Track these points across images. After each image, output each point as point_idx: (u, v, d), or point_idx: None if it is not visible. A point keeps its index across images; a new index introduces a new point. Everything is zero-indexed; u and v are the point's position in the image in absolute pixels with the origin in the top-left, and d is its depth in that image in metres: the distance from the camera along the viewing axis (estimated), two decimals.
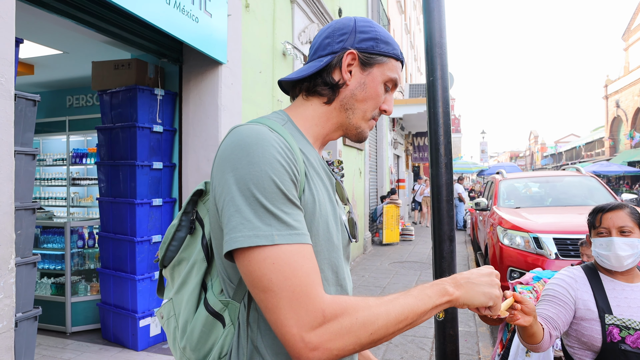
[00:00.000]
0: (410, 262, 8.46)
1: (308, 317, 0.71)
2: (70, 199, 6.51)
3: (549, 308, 1.73)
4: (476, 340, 4.40)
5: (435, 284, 0.87)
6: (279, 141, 0.80)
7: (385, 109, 1.03)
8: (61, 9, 2.80)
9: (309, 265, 0.74)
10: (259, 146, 0.77)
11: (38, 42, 4.48)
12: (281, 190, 0.76)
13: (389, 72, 1.00)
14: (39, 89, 6.38)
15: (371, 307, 0.75)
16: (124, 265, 3.88)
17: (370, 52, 0.98)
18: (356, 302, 0.76)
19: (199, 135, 3.97)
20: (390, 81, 1.01)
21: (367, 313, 0.74)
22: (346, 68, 0.97)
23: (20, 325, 2.64)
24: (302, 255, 0.74)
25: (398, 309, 0.78)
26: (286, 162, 0.78)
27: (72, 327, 4.21)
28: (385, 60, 0.99)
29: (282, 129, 0.87)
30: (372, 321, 0.74)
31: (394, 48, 1.01)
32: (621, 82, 27.42)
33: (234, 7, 4.06)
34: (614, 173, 22.36)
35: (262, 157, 0.76)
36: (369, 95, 0.99)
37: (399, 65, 1.03)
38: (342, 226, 0.96)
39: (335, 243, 0.89)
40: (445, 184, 1.60)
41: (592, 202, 6.04)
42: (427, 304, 0.82)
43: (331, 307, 0.72)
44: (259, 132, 0.80)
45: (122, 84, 3.86)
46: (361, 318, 0.74)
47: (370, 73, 0.98)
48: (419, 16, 24.94)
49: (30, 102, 2.76)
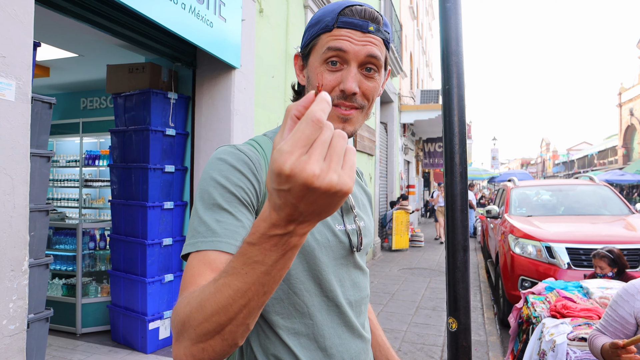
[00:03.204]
0: (420, 269, 8.41)
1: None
2: (83, 200, 6.57)
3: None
4: (486, 349, 4.35)
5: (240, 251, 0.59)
6: (231, 156, 0.84)
7: (342, 88, 0.86)
8: (78, 12, 2.83)
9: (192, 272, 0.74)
10: (213, 165, 0.83)
11: (54, 45, 4.53)
12: (214, 200, 0.79)
13: (320, 49, 0.88)
14: (54, 91, 6.46)
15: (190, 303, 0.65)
16: (135, 268, 3.89)
17: (303, 45, 0.95)
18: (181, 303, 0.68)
19: (211, 139, 3.98)
20: (328, 57, 0.87)
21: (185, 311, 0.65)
22: (298, 72, 0.98)
23: (32, 327, 2.66)
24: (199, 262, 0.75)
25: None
26: (228, 173, 0.81)
27: (82, 328, 4.24)
28: (315, 41, 0.90)
29: (269, 143, 0.92)
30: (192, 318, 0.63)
31: (324, 22, 0.88)
32: (635, 90, 27.11)
33: (248, 12, 4.08)
34: (627, 182, 22.06)
35: (211, 170, 0.82)
36: (312, 86, 0.93)
37: (335, 33, 0.86)
38: (341, 236, 0.95)
39: (317, 256, 0.89)
40: (460, 194, 1.58)
41: (606, 212, 5.96)
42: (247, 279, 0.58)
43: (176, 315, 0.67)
44: (219, 154, 0.85)
45: (136, 87, 3.89)
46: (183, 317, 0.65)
47: (308, 64, 0.93)
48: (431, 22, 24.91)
49: (46, 105, 2.79)
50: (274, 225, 0.54)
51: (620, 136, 29.47)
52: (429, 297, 6.27)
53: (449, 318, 1.57)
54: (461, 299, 1.55)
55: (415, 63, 18.51)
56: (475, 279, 7.47)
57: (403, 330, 4.80)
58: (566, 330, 2.29)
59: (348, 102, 0.87)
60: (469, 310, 1.59)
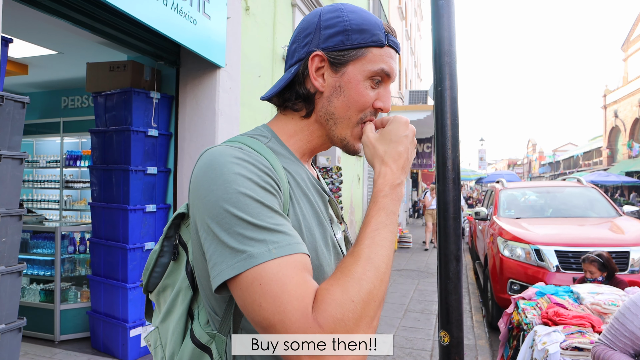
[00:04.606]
0: (408, 271, 8.36)
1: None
2: (64, 201, 6.39)
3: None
4: (475, 353, 4.30)
5: (379, 207, 0.77)
6: (251, 159, 0.73)
7: (381, 107, 0.86)
8: (54, 8, 2.71)
9: (298, 277, 0.65)
10: (226, 167, 0.70)
11: (32, 42, 4.37)
12: (259, 201, 0.68)
13: (372, 65, 0.83)
14: (33, 89, 6.27)
15: (362, 278, 0.66)
16: (115, 273, 3.77)
17: (340, 49, 0.83)
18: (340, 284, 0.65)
19: (195, 140, 3.87)
20: (377, 74, 0.84)
21: (358, 287, 0.65)
22: (314, 74, 0.84)
23: (3, 338, 2.53)
24: (294, 266, 0.65)
25: (382, 259, 0.70)
26: (258, 177, 0.71)
27: (60, 335, 4.09)
28: (363, 52, 0.83)
29: (264, 147, 0.80)
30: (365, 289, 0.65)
31: (374, 34, 0.84)
32: (620, 92, 27.47)
33: (234, 10, 3.97)
34: (612, 183, 22.34)
35: (230, 176, 0.69)
36: (350, 99, 0.84)
37: (386, 52, 0.85)
38: (336, 248, 0.88)
39: (325, 270, 0.81)
40: (453, 201, 1.50)
41: (593, 214, 5.96)
42: (393, 228, 0.75)
43: (322, 312, 0.63)
44: (227, 153, 0.73)
45: (117, 86, 3.76)
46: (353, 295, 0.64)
47: (344, 73, 0.83)
48: (420, 23, 24.97)
49: (18, 104, 2.66)
50: (394, 174, 0.79)
51: (605, 137, 29.85)
52: (417, 299, 6.22)
53: (440, 331, 1.48)
54: (454, 312, 1.46)
55: (404, 64, 18.52)
56: (464, 281, 7.45)
57: (391, 335, 4.73)
58: (559, 339, 2.23)
59: (376, 117, 0.90)
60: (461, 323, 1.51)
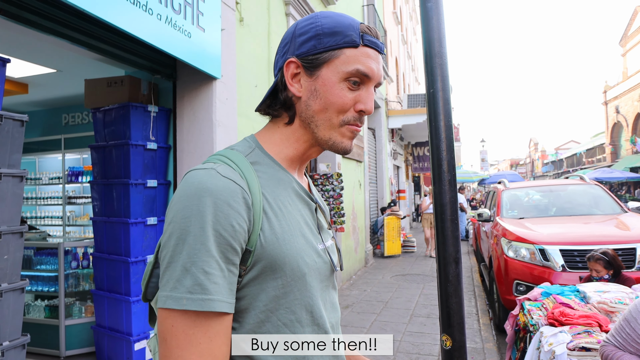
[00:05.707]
0: (413, 275, 8.33)
1: None
2: (66, 217, 6.41)
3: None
4: (483, 357, 4.26)
5: None
6: (223, 190, 0.74)
7: (362, 109, 0.86)
8: (51, 27, 2.73)
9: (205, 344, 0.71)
10: (198, 199, 0.73)
11: (31, 61, 4.40)
12: (207, 247, 0.71)
13: (345, 66, 0.84)
14: (34, 107, 6.31)
15: None
16: (118, 287, 3.76)
17: (313, 53, 0.85)
18: None
19: (193, 151, 3.88)
20: (353, 75, 0.84)
21: None
22: (290, 81, 0.87)
23: (7, 355, 2.53)
24: (203, 327, 0.71)
25: None
26: (224, 215, 0.73)
27: (66, 351, 4.09)
28: (336, 53, 0.84)
29: (243, 160, 0.82)
30: None
31: (346, 35, 0.84)
32: (620, 88, 27.42)
33: (228, 21, 3.99)
34: (616, 179, 22.23)
35: (197, 211, 0.72)
36: (326, 101, 0.85)
37: (362, 52, 0.85)
38: (322, 257, 0.88)
39: (308, 281, 0.82)
40: (450, 202, 1.50)
41: (598, 211, 5.92)
42: None
43: None
44: (203, 183, 0.74)
45: (115, 101, 3.78)
46: None
47: (319, 76, 0.85)
48: (415, 27, 25.04)
49: (17, 123, 2.68)
50: None
51: (607, 134, 29.75)
52: (422, 304, 6.19)
53: (442, 335, 1.48)
54: (455, 315, 1.46)
55: (401, 68, 18.55)
56: (470, 284, 7.40)
57: (398, 340, 4.70)
58: (565, 340, 2.21)
59: (360, 122, 0.89)
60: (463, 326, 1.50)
